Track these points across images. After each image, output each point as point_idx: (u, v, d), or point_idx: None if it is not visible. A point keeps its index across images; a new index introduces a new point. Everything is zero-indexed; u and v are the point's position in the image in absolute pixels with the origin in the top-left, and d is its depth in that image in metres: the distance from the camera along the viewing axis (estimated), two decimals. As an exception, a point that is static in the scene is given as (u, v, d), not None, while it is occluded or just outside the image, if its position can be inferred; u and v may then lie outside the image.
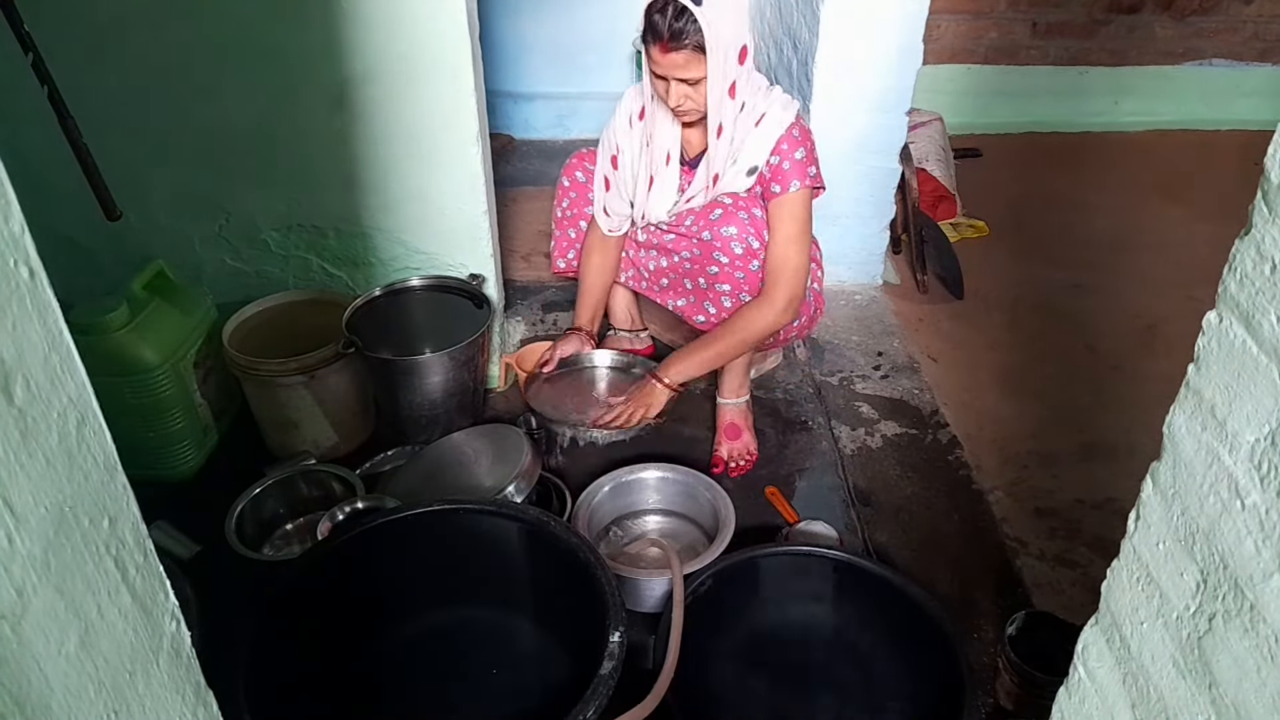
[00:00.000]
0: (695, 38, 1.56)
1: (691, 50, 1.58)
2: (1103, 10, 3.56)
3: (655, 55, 1.62)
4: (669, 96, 1.68)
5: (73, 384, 0.54)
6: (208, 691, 0.74)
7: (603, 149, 1.95)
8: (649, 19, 1.60)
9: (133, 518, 0.61)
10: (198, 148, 1.93)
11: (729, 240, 1.76)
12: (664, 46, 1.59)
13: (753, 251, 1.76)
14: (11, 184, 0.48)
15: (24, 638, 0.51)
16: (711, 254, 1.79)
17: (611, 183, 1.94)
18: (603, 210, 1.98)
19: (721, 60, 1.60)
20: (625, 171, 1.91)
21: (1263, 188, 0.64)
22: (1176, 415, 0.76)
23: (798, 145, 1.73)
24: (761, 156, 1.74)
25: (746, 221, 1.75)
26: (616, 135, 1.90)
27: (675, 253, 1.91)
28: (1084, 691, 0.95)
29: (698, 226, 1.82)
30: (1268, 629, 0.67)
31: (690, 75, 1.62)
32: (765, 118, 1.73)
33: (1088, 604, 0.92)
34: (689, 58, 1.59)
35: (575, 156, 2.06)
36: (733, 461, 1.94)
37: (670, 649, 1.32)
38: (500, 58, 3.34)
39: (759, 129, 1.73)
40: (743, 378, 1.99)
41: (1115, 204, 3.18)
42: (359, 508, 1.57)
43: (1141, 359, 2.36)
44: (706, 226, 1.79)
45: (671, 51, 1.59)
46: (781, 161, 1.73)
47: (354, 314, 1.89)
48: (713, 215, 1.78)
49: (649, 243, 1.98)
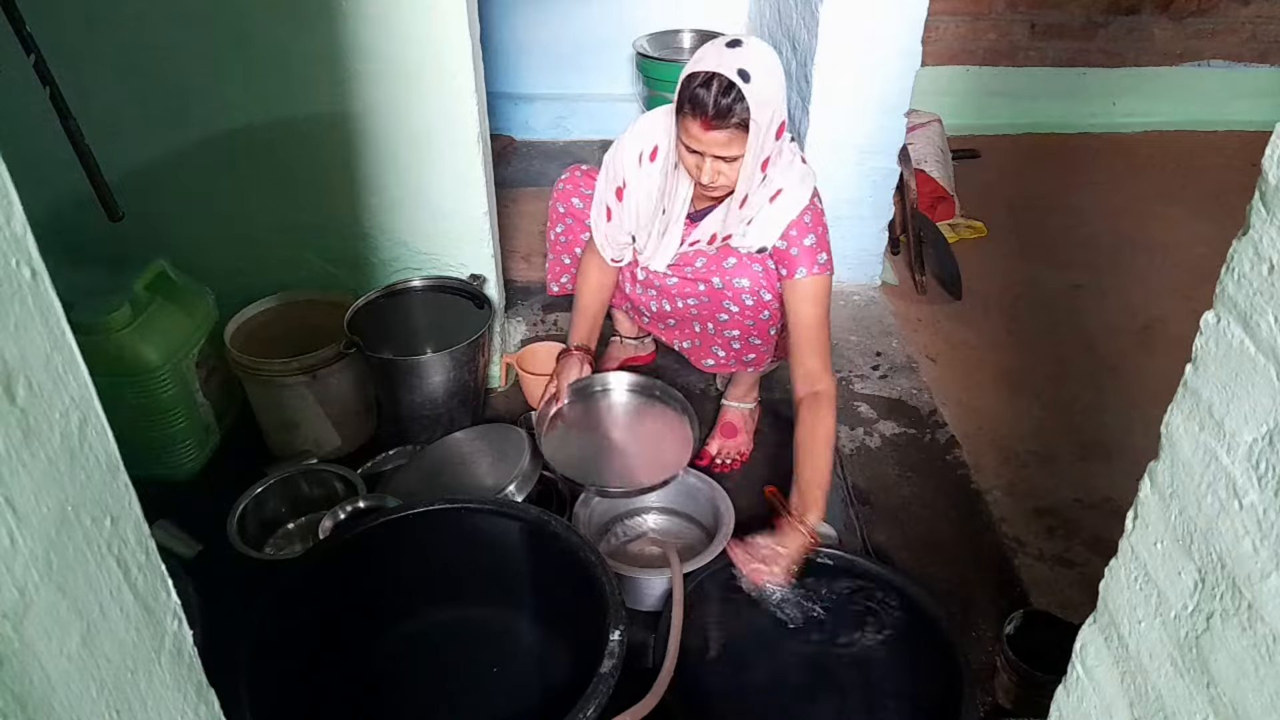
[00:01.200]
0: (742, 116, 1.46)
1: (735, 129, 1.48)
2: (1101, 12, 3.56)
3: (694, 131, 1.50)
4: (701, 172, 1.56)
5: (75, 384, 0.54)
6: (209, 690, 0.74)
7: (606, 177, 1.81)
8: (690, 91, 1.48)
9: (135, 517, 0.61)
10: (199, 148, 1.93)
11: (741, 291, 1.70)
12: (707, 124, 1.47)
13: (764, 303, 1.71)
14: (14, 184, 0.49)
15: (26, 637, 0.51)
16: (721, 302, 1.74)
17: (614, 214, 1.81)
18: (604, 238, 1.86)
19: (762, 138, 1.51)
20: (630, 208, 1.79)
21: (1260, 188, 0.64)
22: (1174, 415, 0.77)
23: (808, 231, 1.65)
24: (771, 239, 1.66)
25: (760, 274, 1.69)
26: (625, 170, 1.76)
27: (681, 298, 1.82)
28: (1082, 690, 0.95)
29: (708, 270, 1.75)
30: (1265, 628, 0.68)
31: (730, 153, 1.52)
32: (781, 195, 1.64)
33: (1086, 603, 0.92)
34: (732, 136, 1.49)
35: (569, 179, 1.96)
36: (720, 458, 1.94)
37: (670, 648, 1.32)
38: (500, 59, 3.34)
39: (774, 206, 1.64)
40: (752, 385, 2.00)
41: (1113, 205, 3.18)
42: (360, 507, 1.57)
43: (1139, 359, 2.36)
44: (718, 273, 1.72)
45: (715, 130, 1.48)
46: (789, 247, 1.65)
47: (355, 314, 1.89)
48: (726, 263, 1.71)
49: (649, 282, 1.87)
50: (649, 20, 3.24)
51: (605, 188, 1.81)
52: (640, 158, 1.74)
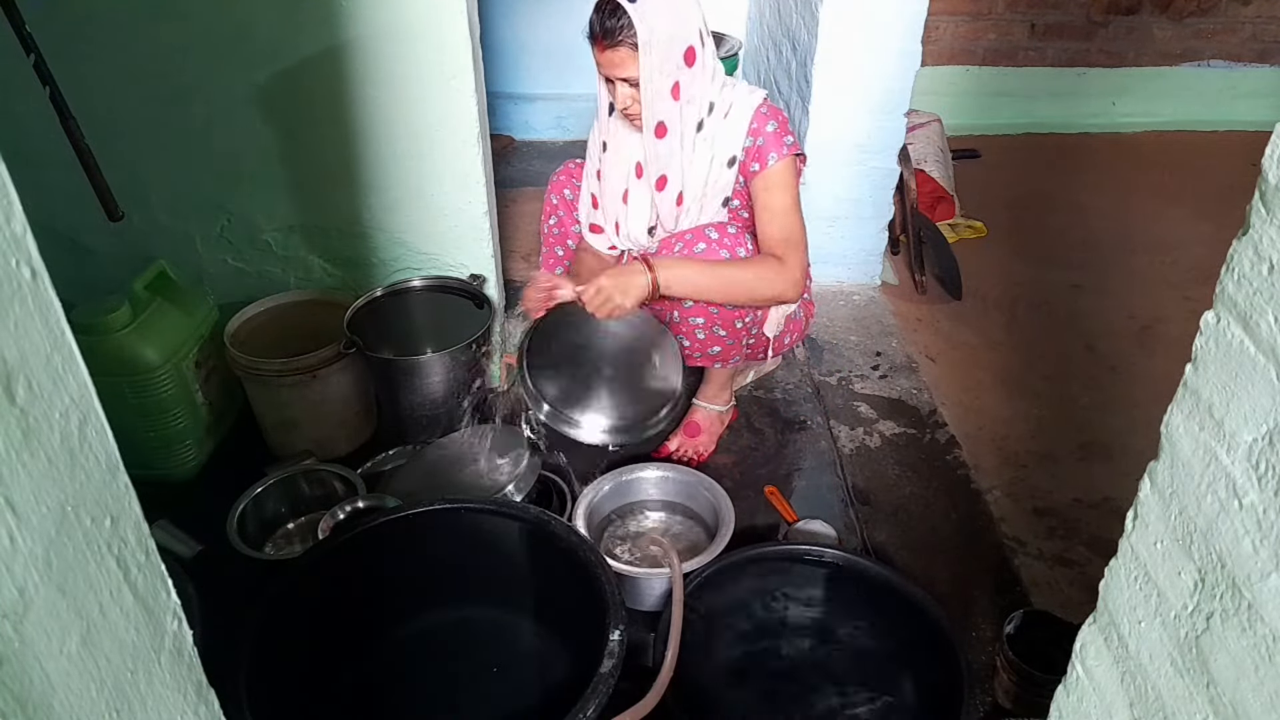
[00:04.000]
0: (629, 36, 1.55)
1: (629, 49, 1.56)
2: (1101, 12, 3.56)
3: (595, 55, 1.61)
4: (615, 98, 1.67)
5: (75, 384, 0.54)
6: (209, 690, 0.74)
7: (588, 163, 1.89)
8: (590, 19, 1.60)
9: (134, 517, 0.61)
10: (199, 148, 1.93)
11: None
12: (600, 44, 1.59)
13: None
14: (13, 184, 0.49)
15: (26, 637, 0.51)
16: None
17: (598, 200, 1.87)
18: (589, 228, 1.90)
19: (659, 59, 1.57)
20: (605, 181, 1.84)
21: (1260, 188, 0.64)
22: (1174, 415, 0.77)
23: (767, 120, 1.69)
24: (738, 143, 1.70)
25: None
26: (593, 145, 1.84)
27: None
28: (1082, 690, 0.95)
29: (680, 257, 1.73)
30: (1265, 628, 0.68)
31: (630, 74, 1.60)
32: (732, 108, 1.70)
33: (1086, 603, 0.92)
34: (626, 56, 1.57)
35: (563, 170, 1.98)
36: (678, 455, 1.94)
37: (670, 647, 1.32)
38: (500, 59, 3.34)
39: (728, 120, 1.70)
40: (723, 386, 1.97)
41: (1113, 205, 3.18)
42: (360, 507, 1.58)
43: (1139, 359, 2.36)
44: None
45: (608, 50, 1.58)
46: (755, 140, 1.69)
47: (355, 314, 1.89)
48: (696, 249, 1.69)
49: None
50: (649, 20, 3.23)
51: (587, 178, 1.88)
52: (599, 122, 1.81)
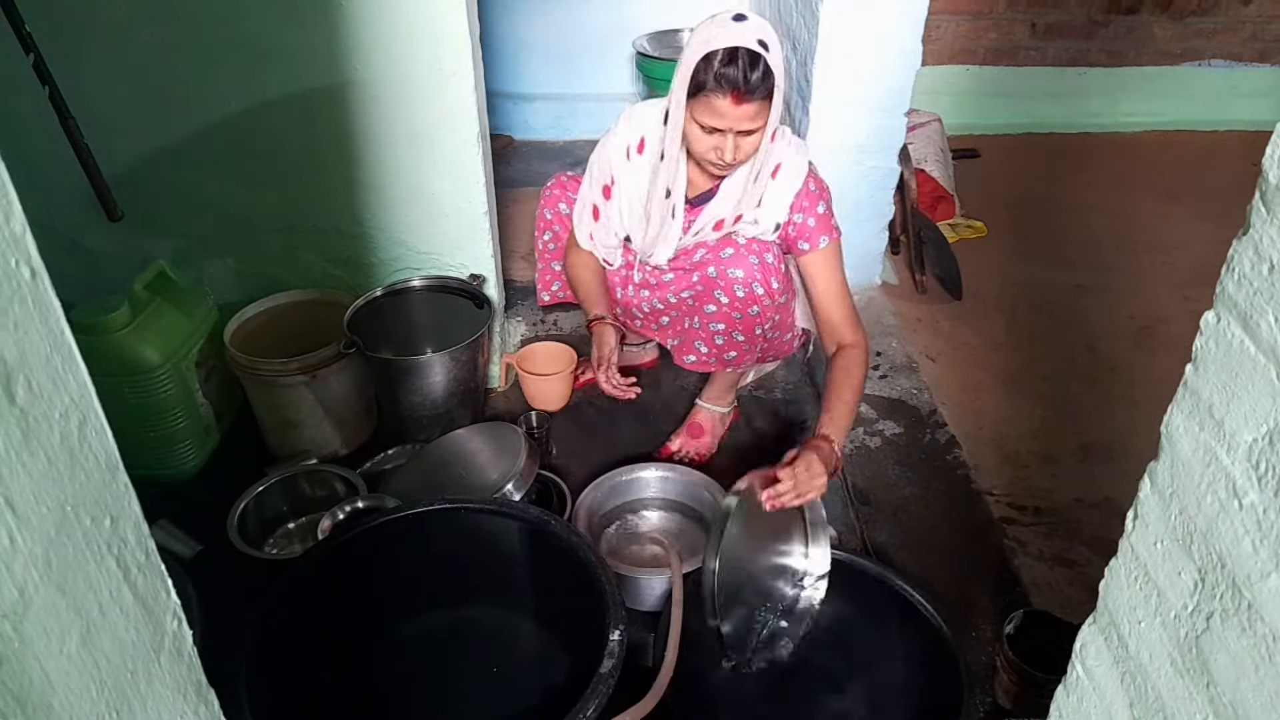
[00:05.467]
0: (769, 86, 1.48)
1: (762, 100, 1.49)
2: (1101, 11, 3.56)
3: (722, 108, 1.49)
4: (722, 151, 1.55)
5: (74, 384, 0.54)
6: (209, 690, 0.74)
7: (591, 176, 1.80)
8: (714, 69, 1.46)
9: (134, 517, 0.61)
10: (199, 148, 1.93)
11: (733, 282, 1.68)
12: (739, 98, 1.47)
13: (754, 298, 1.69)
14: (13, 184, 0.49)
15: (26, 636, 0.51)
16: (713, 292, 1.71)
17: (601, 213, 1.81)
18: (588, 237, 1.85)
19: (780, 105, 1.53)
20: (620, 205, 1.78)
21: (1260, 188, 0.64)
22: (1174, 415, 0.76)
23: (818, 199, 1.69)
24: (783, 213, 1.68)
25: (756, 266, 1.68)
26: (612, 166, 1.75)
27: (675, 292, 1.82)
28: (1082, 690, 0.95)
29: (704, 261, 1.74)
30: (1265, 628, 0.68)
31: (755, 125, 1.52)
32: (781, 168, 1.66)
33: (1086, 603, 0.92)
34: (760, 108, 1.50)
35: (556, 185, 1.94)
36: (679, 456, 1.94)
37: (670, 647, 1.32)
38: (500, 59, 3.34)
39: (776, 181, 1.66)
40: (728, 388, 1.97)
41: (1113, 205, 3.18)
42: (360, 507, 1.58)
43: (1139, 359, 2.36)
44: (714, 263, 1.71)
45: (746, 103, 1.47)
46: (806, 219, 1.68)
47: (355, 314, 1.89)
48: (724, 253, 1.70)
49: (645, 282, 1.87)
50: (648, 19, 3.24)
51: (591, 188, 1.81)
52: (628, 152, 1.73)
